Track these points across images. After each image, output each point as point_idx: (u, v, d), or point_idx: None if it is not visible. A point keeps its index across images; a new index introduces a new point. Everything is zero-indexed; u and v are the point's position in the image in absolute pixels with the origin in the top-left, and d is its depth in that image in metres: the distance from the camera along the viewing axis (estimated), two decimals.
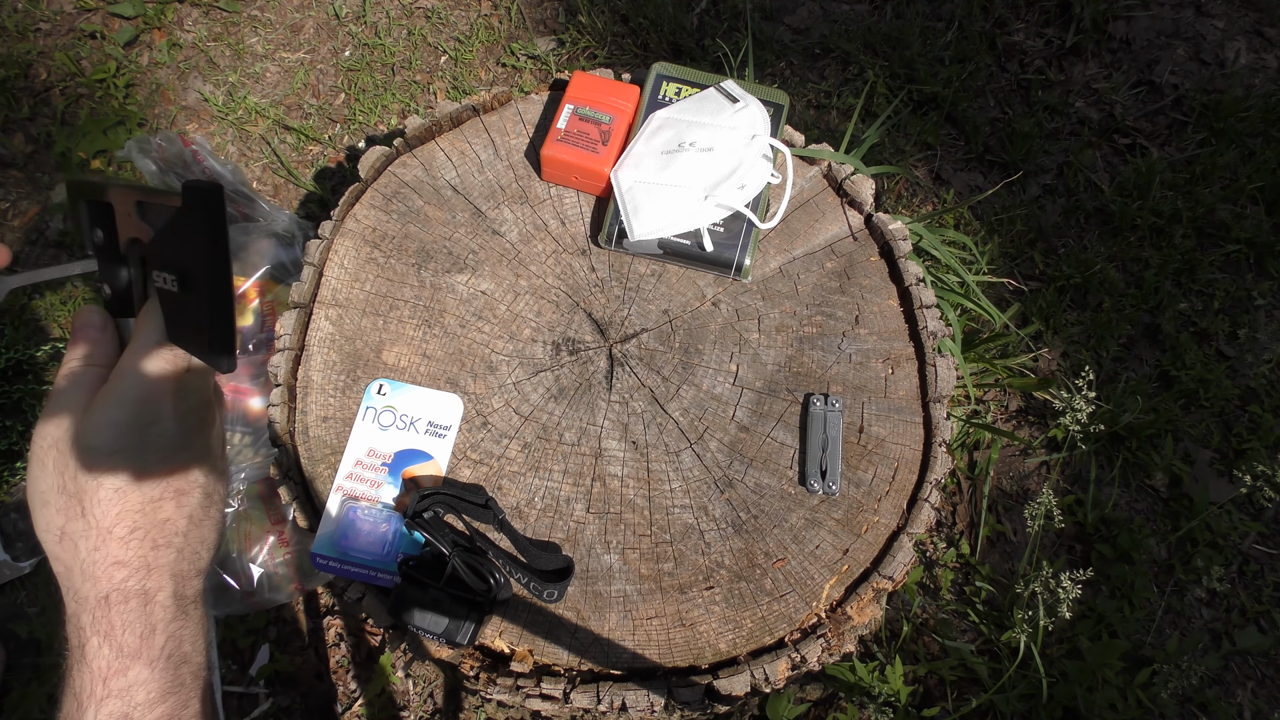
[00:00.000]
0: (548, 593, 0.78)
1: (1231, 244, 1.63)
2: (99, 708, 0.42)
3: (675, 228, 0.91)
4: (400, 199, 0.97)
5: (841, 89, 1.78)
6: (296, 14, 1.88)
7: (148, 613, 0.44)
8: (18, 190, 1.67)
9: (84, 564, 0.44)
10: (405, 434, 0.85)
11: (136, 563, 0.45)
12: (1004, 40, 1.83)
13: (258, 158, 1.73)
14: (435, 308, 0.92)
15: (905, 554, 0.82)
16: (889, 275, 0.95)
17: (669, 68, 0.99)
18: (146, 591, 0.45)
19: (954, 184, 1.70)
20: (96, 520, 0.44)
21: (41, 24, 1.82)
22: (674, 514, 0.84)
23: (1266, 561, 1.41)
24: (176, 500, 0.46)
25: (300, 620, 1.37)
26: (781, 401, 0.89)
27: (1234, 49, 1.82)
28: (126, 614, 0.44)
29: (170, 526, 0.46)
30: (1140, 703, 1.29)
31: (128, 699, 0.43)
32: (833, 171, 0.99)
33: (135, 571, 0.44)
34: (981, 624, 1.35)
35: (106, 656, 0.43)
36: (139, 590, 0.44)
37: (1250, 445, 1.47)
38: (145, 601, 0.45)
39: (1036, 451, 1.49)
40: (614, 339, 0.91)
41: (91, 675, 0.43)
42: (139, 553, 0.45)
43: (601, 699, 0.75)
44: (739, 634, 0.80)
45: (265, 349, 1.33)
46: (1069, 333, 1.56)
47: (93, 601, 0.43)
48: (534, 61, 1.83)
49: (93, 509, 0.44)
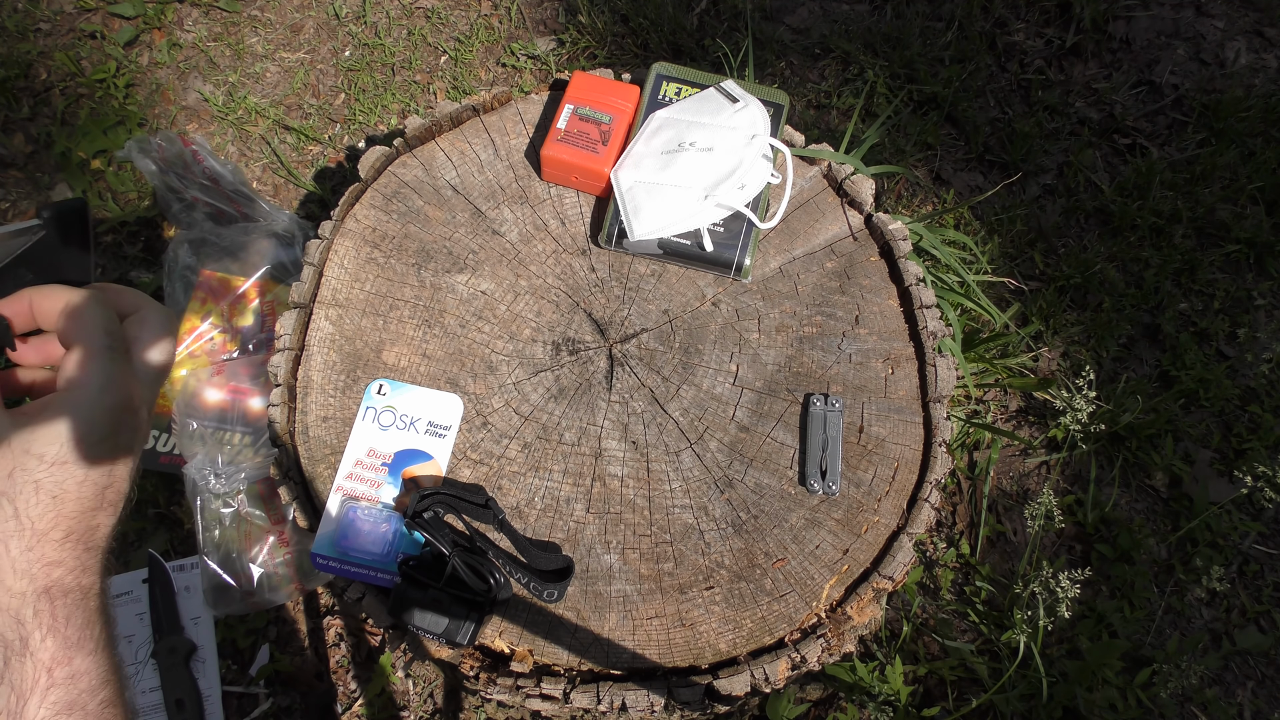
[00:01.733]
0: (548, 593, 0.78)
1: (1231, 244, 1.63)
2: (44, 696, 0.44)
3: (675, 228, 0.91)
4: (400, 199, 0.97)
5: (841, 89, 1.78)
6: (296, 14, 1.88)
7: (85, 605, 0.46)
8: (18, 190, 1.67)
9: (16, 562, 0.44)
10: (405, 434, 0.85)
11: (72, 563, 0.46)
12: (1004, 40, 1.83)
13: (258, 158, 1.73)
14: (435, 308, 0.92)
15: (905, 554, 0.82)
16: (889, 275, 0.95)
17: (669, 68, 0.99)
18: (83, 586, 0.46)
19: (954, 184, 1.70)
20: (31, 522, 0.45)
21: (41, 24, 1.82)
22: (674, 514, 0.84)
23: (1266, 561, 1.41)
24: (109, 510, 0.48)
25: (300, 620, 1.37)
26: (781, 401, 0.89)
27: (1234, 49, 1.82)
28: (68, 607, 0.45)
29: (100, 531, 0.48)
30: (1140, 703, 1.29)
31: (72, 686, 0.44)
32: (833, 171, 0.99)
33: (72, 570, 0.46)
34: (981, 624, 1.35)
35: (51, 648, 0.44)
36: (76, 585, 0.46)
37: (1250, 445, 1.47)
38: (83, 595, 0.46)
39: (1036, 451, 1.49)
40: (614, 339, 0.91)
41: (35, 666, 0.44)
42: (74, 554, 0.46)
43: (601, 699, 0.75)
44: (739, 634, 0.80)
45: (265, 349, 1.33)
46: (1069, 333, 1.56)
47: (32, 596, 0.44)
48: (534, 61, 1.83)
49: (26, 511, 0.44)
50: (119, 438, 0.47)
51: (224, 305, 1.34)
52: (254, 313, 1.35)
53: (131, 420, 0.49)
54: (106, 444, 0.47)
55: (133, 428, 0.49)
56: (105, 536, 0.48)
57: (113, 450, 0.47)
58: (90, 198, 1.63)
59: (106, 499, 0.48)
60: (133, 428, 0.49)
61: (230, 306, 1.34)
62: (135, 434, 0.49)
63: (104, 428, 0.47)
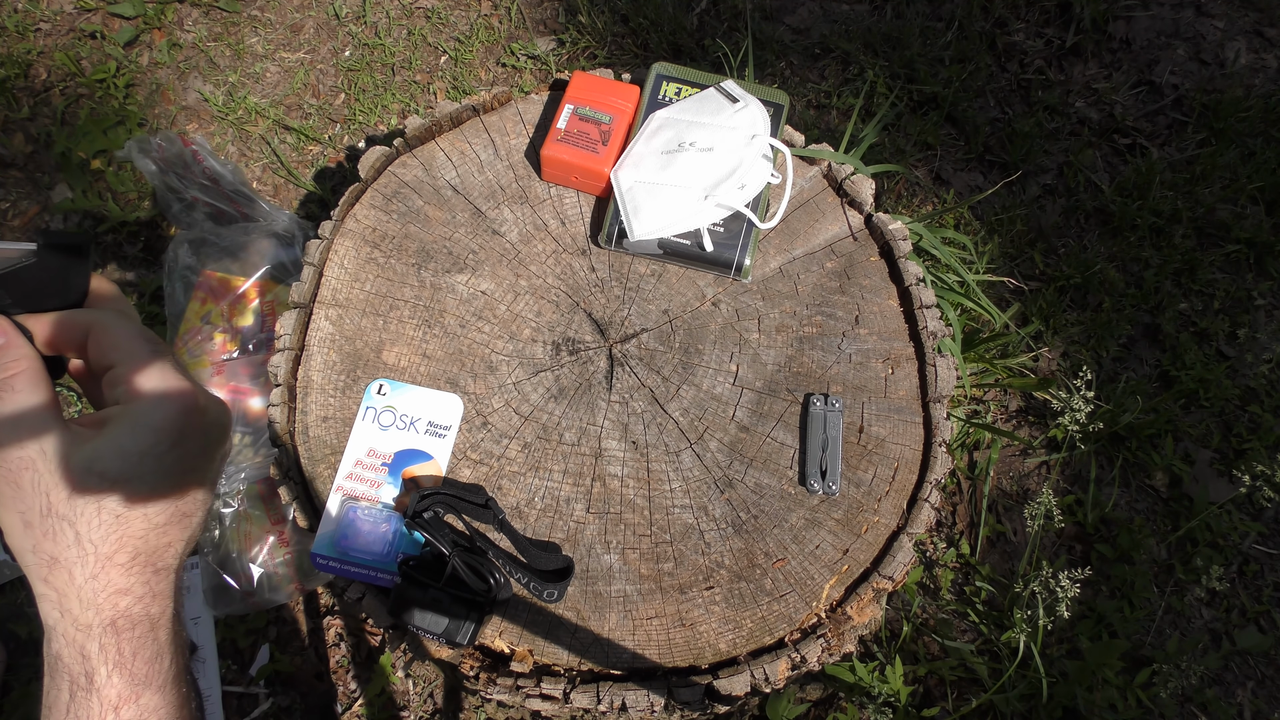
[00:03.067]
0: (548, 593, 0.78)
1: (1231, 244, 1.63)
2: None
3: (675, 228, 0.91)
4: (400, 199, 0.97)
5: (841, 89, 1.78)
6: (296, 14, 1.88)
7: (155, 637, 0.44)
8: (18, 190, 1.67)
9: (81, 590, 0.42)
10: (405, 434, 0.85)
11: (140, 590, 0.43)
12: (1004, 40, 1.83)
13: (258, 158, 1.73)
14: (435, 308, 0.92)
15: (905, 554, 0.82)
16: (889, 275, 0.95)
17: (669, 68, 0.99)
18: (151, 616, 0.44)
19: (954, 184, 1.70)
20: (95, 546, 0.42)
21: (41, 24, 1.82)
22: (674, 514, 0.84)
23: (1266, 561, 1.41)
24: (181, 524, 0.45)
25: (300, 620, 1.37)
26: (781, 401, 0.89)
27: (1234, 49, 1.82)
28: (135, 641, 0.43)
29: (171, 550, 0.45)
30: (1140, 703, 1.29)
31: None
32: (833, 171, 0.99)
33: (140, 598, 0.43)
34: (981, 624, 1.35)
35: (118, 685, 0.42)
36: (145, 615, 0.43)
37: (1250, 445, 1.47)
38: (152, 626, 0.44)
39: (1036, 451, 1.49)
40: (614, 339, 0.91)
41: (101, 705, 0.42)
42: (142, 579, 0.43)
43: (601, 699, 0.75)
44: (739, 634, 0.80)
45: (265, 349, 1.33)
46: (1069, 333, 1.56)
47: (98, 629, 0.42)
48: (534, 61, 1.83)
49: (89, 535, 0.42)
50: (185, 446, 0.44)
51: (224, 305, 1.34)
52: (254, 313, 1.35)
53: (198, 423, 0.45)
54: (172, 455, 0.44)
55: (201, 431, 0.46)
56: (177, 555, 0.45)
57: (179, 461, 0.44)
58: (90, 198, 1.63)
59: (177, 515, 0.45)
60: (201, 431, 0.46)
61: (230, 306, 1.34)
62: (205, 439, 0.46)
63: (169, 437, 0.44)
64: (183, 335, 1.32)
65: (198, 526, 0.47)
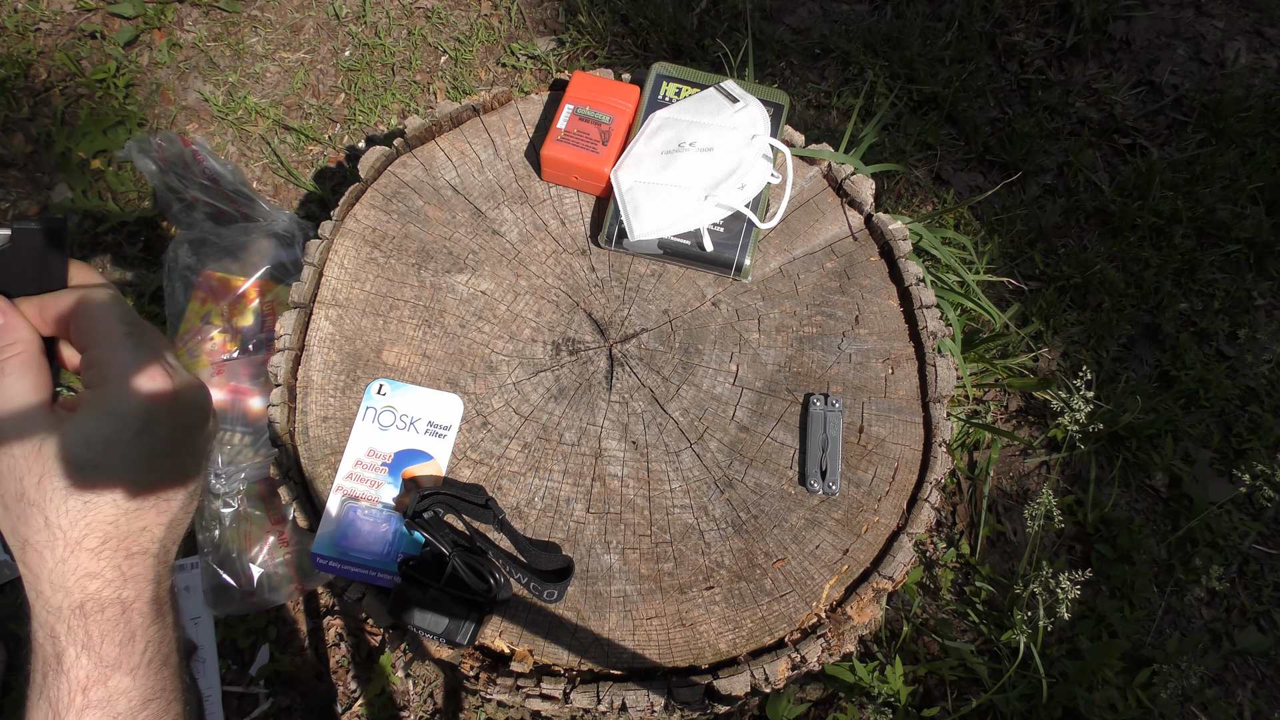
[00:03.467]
0: (548, 593, 0.78)
1: (1231, 244, 1.63)
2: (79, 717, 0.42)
3: (675, 228, 0.91)
4: (400, 199, 0.97)
5: (841, 89, 1.78)
6: (296, 14, 1.88)
7: (126, 620, 0.43)
8: (18, 190, 1.67)
9: (52, 574, 0.42)
10: (405, 434, 0.85)
11: (110, 573, 0.43)
12: (1004, 40, 1.83)
13: (258, 158, 1.73)
14: (435, 308, 0.92)
15: (905, 554, 0.82)
16: (889, 275, 0.95)
17: (669, 68, 0.99)
18: (123, 599, 0.43)
19: (954, 184, 1.70)
20: (63, 531, 0.42)
21: (41, 24, 1.82)
22: (674, 514, 0.84)
23: (1266, 561, 1.41)
24: (158, 508, 0.45)
25: (300, 620, 1.37)
26: (781, 401, 0.89)
27: (1234, 49, 1.82)
28: (104, 623, 0.43)
29: (148, 534, 0.44)
30: (1140, 703, 1.29)
31: (109, 709, 0.42)
32: (833, 171, 0.99)
33: (110, 582, 0.43)
34: (981, 624, 1.35)
35: (85, 667, 0.42)
36: (115, 599, 0.43)
37: (1250, 445, 1.46)
38: (123, 609, 0.43)
39: (1036, 451, 1.49)
40: (614, 339, 0.91)
41: (70, 686, 0.42)
42: (113, 563, 0.43)
43: (601, 699, 0.75)
44: (739, 634, 0.80)
45: (265, 349, 1.33)
46: (1069, 333, 1.56)
47: (67, 611, 0.42)
48: (534, 61, 1.83)
49: (58, 520, 0.42)
50: (154, 431, 0.44)
51: (224, 305, 1.34)
52: (254, 313, 1.35)
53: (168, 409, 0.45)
54: (140, 441, 0.43)
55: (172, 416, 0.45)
56: (155, 539, 0.45)
57: (148, 446, 0.44)
58: (90, 198, 1.63)
59: (152, 500, 0.44)
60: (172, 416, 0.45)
61: (230, 306, 1.34)
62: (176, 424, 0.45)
63: (135, 424, 0.43)
64: (183, 335, 1.32)
65: (181, 510, 0.46)
